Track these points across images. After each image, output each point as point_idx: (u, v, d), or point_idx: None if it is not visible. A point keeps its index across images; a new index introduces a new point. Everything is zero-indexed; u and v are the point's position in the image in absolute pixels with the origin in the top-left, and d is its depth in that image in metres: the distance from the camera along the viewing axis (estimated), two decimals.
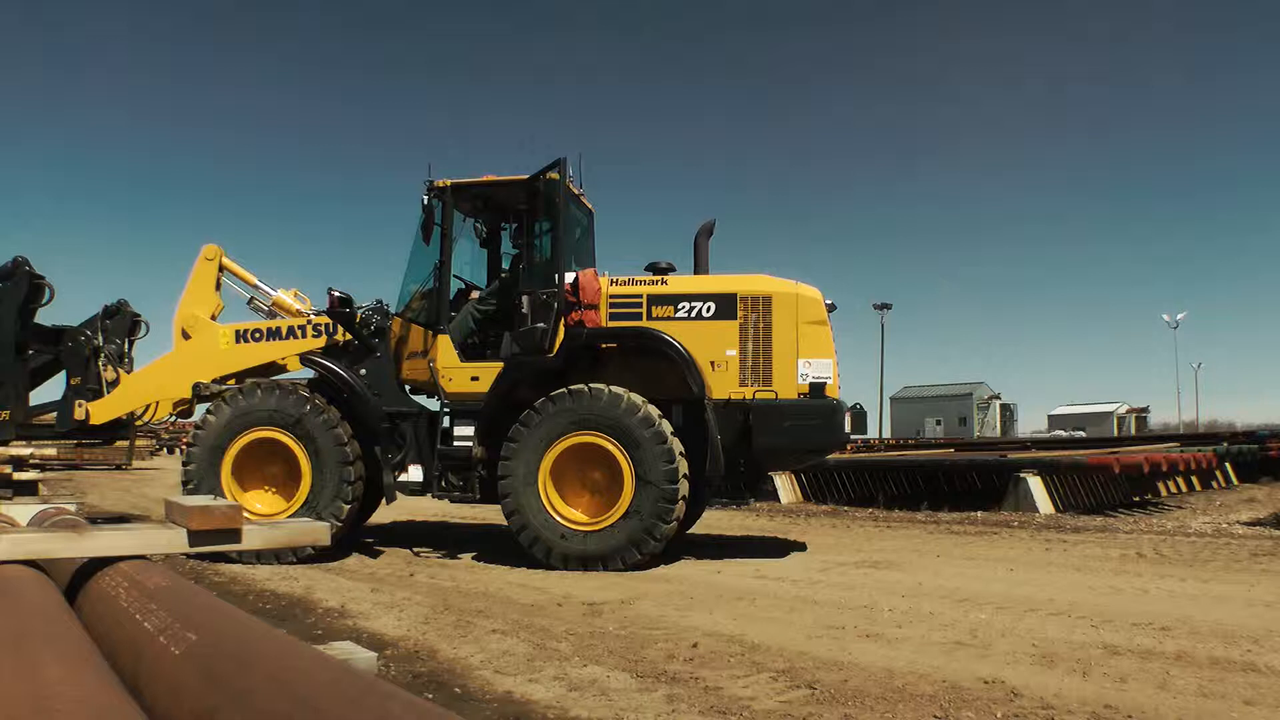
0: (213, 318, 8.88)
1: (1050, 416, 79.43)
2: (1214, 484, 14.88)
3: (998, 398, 74.24)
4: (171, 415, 9.59)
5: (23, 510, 3.37)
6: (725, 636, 4.47)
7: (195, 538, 1.86)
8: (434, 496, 7.74)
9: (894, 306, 56.14)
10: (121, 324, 9.40)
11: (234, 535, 1.91)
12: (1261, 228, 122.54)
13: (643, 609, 5.27)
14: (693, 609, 5.25)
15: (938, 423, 72.23)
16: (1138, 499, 12.65)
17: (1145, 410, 68.87)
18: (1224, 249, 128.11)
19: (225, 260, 9.02)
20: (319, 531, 2.19)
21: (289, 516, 7.68)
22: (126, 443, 21.34)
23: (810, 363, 7.08)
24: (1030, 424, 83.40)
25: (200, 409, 9.02)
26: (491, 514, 10.94)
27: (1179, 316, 64.73)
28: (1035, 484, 11.10)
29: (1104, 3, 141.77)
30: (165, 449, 32.03)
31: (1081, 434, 45.29)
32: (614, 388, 6.94)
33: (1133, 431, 56.22)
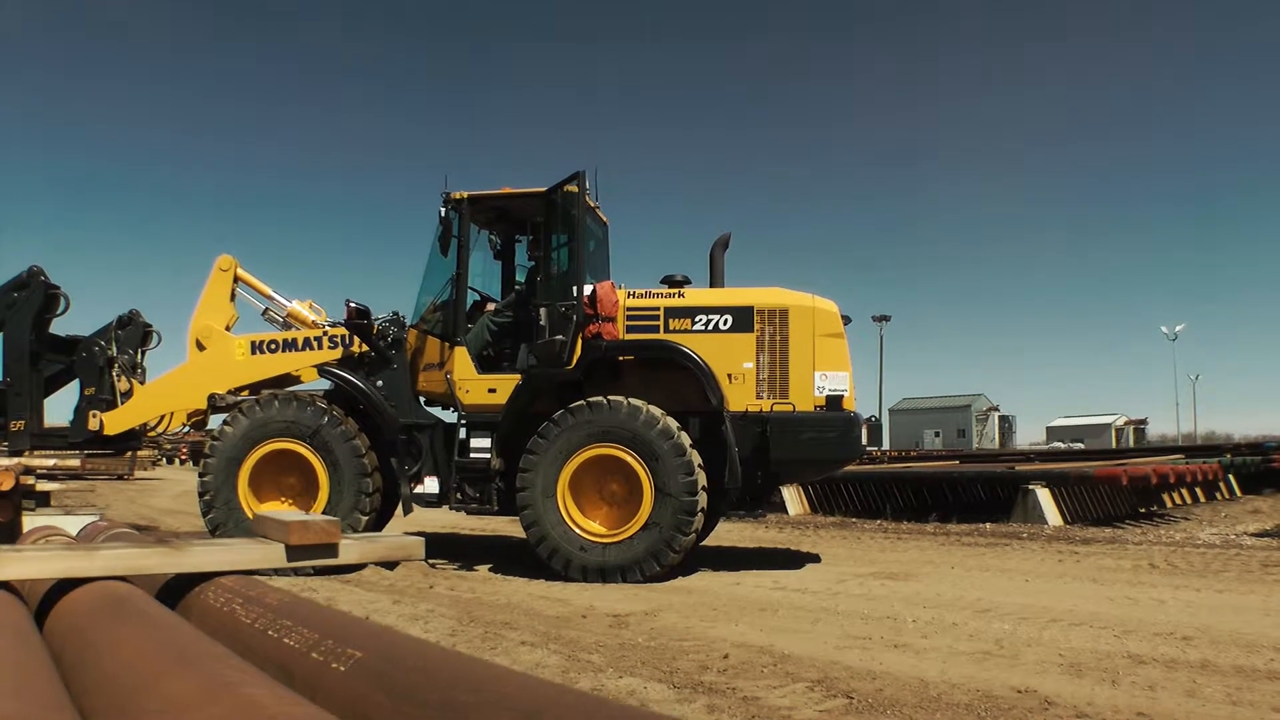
0: (227, 329, 8.91)
1: (1048, 428, 79.56)
2: (1218, 495, 14.94)
3: (996, 409, 74.33)
4: (185, 426, 9.62)
5: (70, 521, 3.40)
6: (755, 647, 4.51)
7: (293, 552, 1.88)
8: (451, 508, 7.77)
9: (892, 318, 56.27)
10: (134, 334, 9.40)
11: (331, 550, 1.93)
12: (1261, 239, 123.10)
13: (668, 620, 5.30)
14: (718, 620, 5.28)
15: (936, 434, 72.27)
16: (1143, 510, 12.71)
17: (1143, 422, 68.99)
18: (1223, 261, 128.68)
19: (240, 271, 9.06)
20: (413, 546, 2.22)
21: None
22: (130, 453, 21.36)
23: (827, 375, 7.14)
24: (1028, 436, 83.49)
25: (214, 420, 9.06)
26: (502, 525, 10.96)
27: (1178, 328, 64.82)
28: (1044, 496, 11.15)
29: (1103, 6, 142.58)
30: (166, 459, 31.97)
31: (1080, 445, 45.43)
32: (633, 400, 6.99)
33: (1131, 443, 56.32)
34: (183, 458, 36.23)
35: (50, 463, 8.30)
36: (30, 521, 6.08)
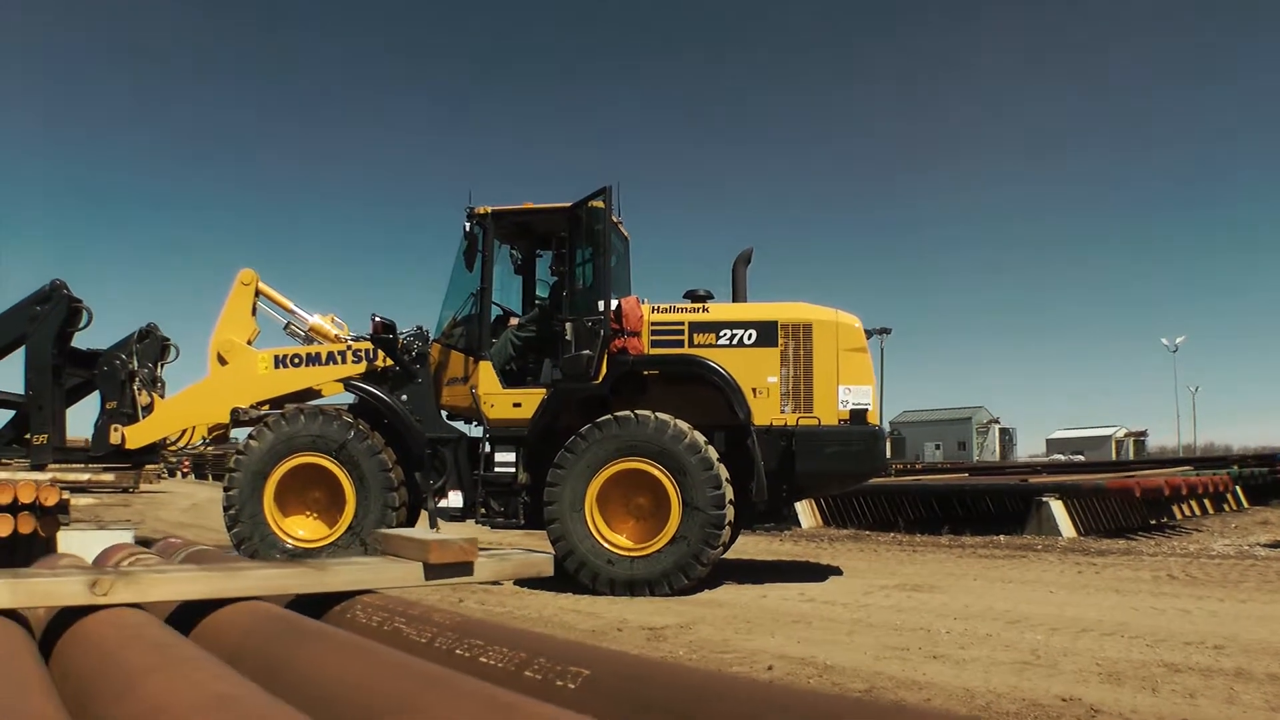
0: (248, 343, 8.97)
1: (1048, 440, 79.53)
2: (1225, 506, 15.02)
3: (997, 422, 74.27)
4: (205, 440, 9.66)
5: (112, 537, 3.45)
6: (796, 659, 4.56)
7: (430, 570, 1.92)
8: (476, 522, 7.81)
9: (892, 331, 56.24)
10: (152, 347, 9.44)
11: (467, 568, 1.98)
12: (1261, 250, 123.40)
13: (704, 633, 5.35)
14: (754, 632, 5.34)
15: (937, 447, 71.99)
16: (1154, 522, 12.77)
17: (1143, 434, 68.94)
18: (1223, 272, 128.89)
19: (261, 285, 9.13)
20: (543, 563, 2.28)
21: (331, 543, 7.75)
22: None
23: (850, 389, 7.23)
24: (1028, 448, 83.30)
25: (235, 434, 9.10)
26: (519, 539, 10.98)
27: (1178, 340, 64.88)
28: (1057, 508, 11.22)
29: (1103, 11, 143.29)
30: (169, 472, 31.93)
31: (1080, 458, 45.39)
32: (660, 414, 7.05)
33: (1131, 455, 56.31)
34: (185, 470, 36.18)
35: (85, 477, 8.34)
36: (64, 538, 6.14)
